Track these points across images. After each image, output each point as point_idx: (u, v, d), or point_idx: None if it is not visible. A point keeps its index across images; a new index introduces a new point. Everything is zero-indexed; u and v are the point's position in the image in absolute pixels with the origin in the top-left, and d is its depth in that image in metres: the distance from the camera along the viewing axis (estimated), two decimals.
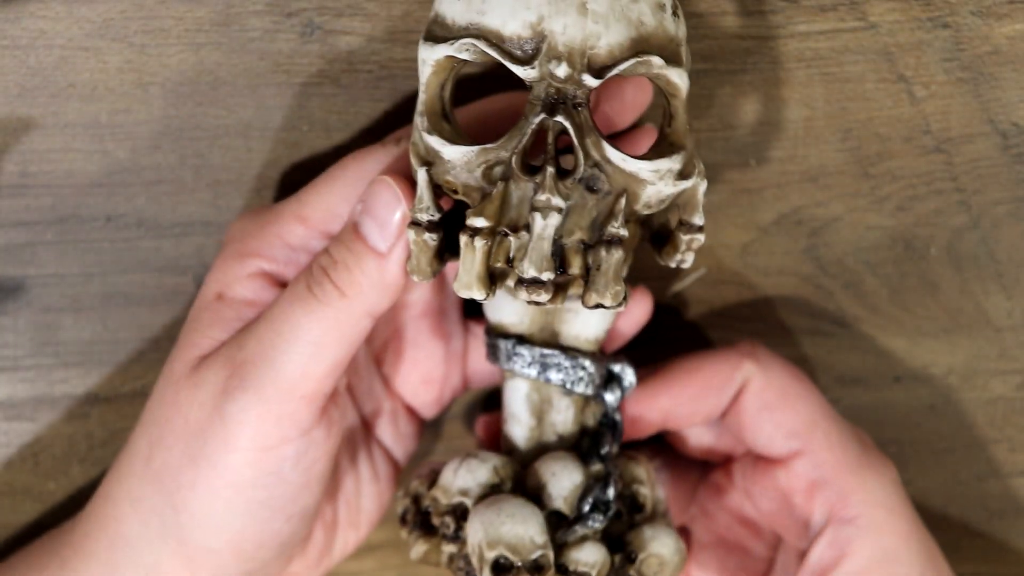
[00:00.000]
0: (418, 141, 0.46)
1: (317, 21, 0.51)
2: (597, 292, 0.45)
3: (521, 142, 0.45)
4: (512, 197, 0.45)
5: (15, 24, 0.51)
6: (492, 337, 0.50)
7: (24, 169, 0.53)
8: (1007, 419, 0.61)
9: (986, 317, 0.59)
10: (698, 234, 0.47)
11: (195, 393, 0.48)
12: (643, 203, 0.46)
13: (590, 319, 0.50)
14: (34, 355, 0.56)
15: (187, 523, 0.48)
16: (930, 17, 0.53)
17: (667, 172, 0.46)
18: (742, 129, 0.55)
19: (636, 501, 0.51)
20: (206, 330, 0.49)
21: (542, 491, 0.49)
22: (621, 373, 0.51)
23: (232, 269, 0.50)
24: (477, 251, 0.45)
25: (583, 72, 0.44)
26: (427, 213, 0.46)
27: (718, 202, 0.56)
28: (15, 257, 0.55)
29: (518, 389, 0.51)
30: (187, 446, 0.48)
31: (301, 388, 0.47)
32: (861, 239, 0.57)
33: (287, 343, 0.47)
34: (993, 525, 0.62)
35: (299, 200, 0.50)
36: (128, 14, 0.51)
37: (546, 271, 0.45)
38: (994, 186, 0.56)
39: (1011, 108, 0.55)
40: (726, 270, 0.57)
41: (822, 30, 0.53)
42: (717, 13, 0.52)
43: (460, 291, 0.46)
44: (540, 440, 0.51)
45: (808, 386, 0.53)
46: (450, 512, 0.49)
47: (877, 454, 0.53)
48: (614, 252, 0.45)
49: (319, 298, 0.47)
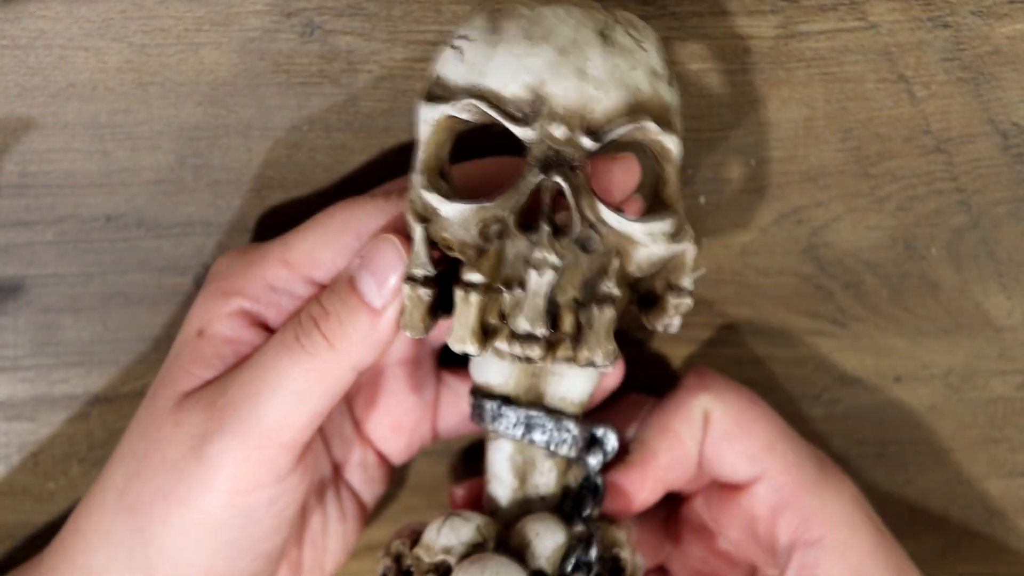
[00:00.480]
0: (415, 198, 0.47)
1: (317, 21, 0.51)
2: (589, 349, 0.46)
3: (519, 201, 0.46)
4: (508, 254, 0.46)
5: (15, 24, 0.51)
6: (478, 398, 0.51)
7: (24, 169, 0.53)
8: (1007, 419, 0.61)
9: (986, 317, 0.59)
10: (685, 298, 0.48)
11: (175, 432, 0.48)
12: (635, 265, 0.47)
13: (576, 382, 0.50)
14: (34, 355, 0.56)
15: (155, 558, 0.49)
16: (930, 17, 0.53)
17: (660, 234, 0.47)
18: (742, 129, 0.55)
19: (617, 564, 0.51)
20: (187, 366, 0.49)
21: (525, 550, 0.49)
22: (604, 437, 0.51)
23: (214, 306, 0.50)
24: (472, 306, 0.46)
25: (581, 135, 0.45)
26: (423, 269, 0.47)
27: (718, 202, 0.56)
28: (15, 257, 0.55)
29: (502, 450, 0.51)
30: (163, 483, 0.48)
31: (281, 436, 0.48)
32: (861, 239, 0.57)
33: (271, 391, 0.47)
34: (993, 525, 0.62)
35: (284, 243, 0.50)
36: (128, 14, 0.51)
37: (540, 327, 0.46)
38: (994, 186, 0.56)
39: (1011, 108, 0.55)
40: (726, 270, 0.57)
41: (822, 30, 0.53)
42: (717, 13, 0.52)
43: (454, 345, 0.46)
44: (522, 501, 0.51)
45: (763, 409, 0.53)
46: (433, 570, 0.49)
47: (835, 472, 0.53)
48: (606, 311, 0.46)
49: (306, 348, 0.47)
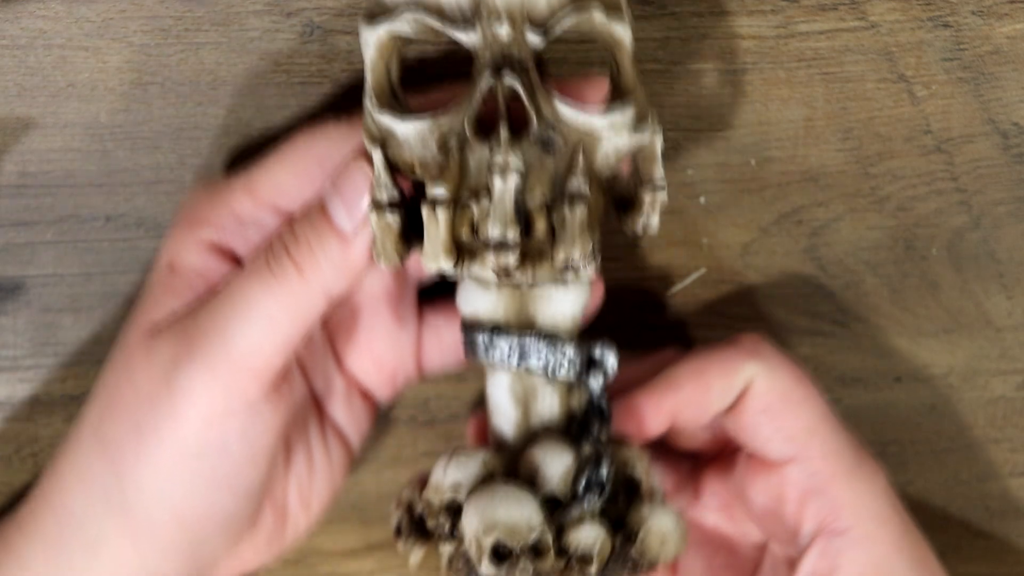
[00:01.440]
0: (370, 123, 0.46)
1: (317, 21, 0.51)
2: (565, 247, 0.45)
3: (472, 108, 0.45)
4: (470, 164, 0.45)
5: (15, 24, 0.51)
6: (468, 331, 0.50)
7: (24, 169, 0.53)
8: (1007, 419, 0.61)
9: (986, 317, 0.59)
10: (660, 191, 0.47)
11: (146, 362, 0.48)
12: (601, 159, 0.46)
13: (564, 301, 0.49)
14: (34, 355, 0.56)
15: (131, 494, 0.48)
16: (930, 17, 0.53)
17: (621, 125, 0.46)
18: (742, 129, 0.55)
19: (632, 483, 0.50)
20: (158, 299, 0.49)
21: (535, 476, 0.48)
22: (602, 357, 0.50)
23: (182, 238, 0.50)
24: (440, 221, 0.45)
25: (526, 31, 0.44)
26: (386, 192, 0.46)
27: (718, 202, 0.56)
28: (15, 257, 0.55)
29: (500, 382, 0.50)
30: (134, 416, 0.48)
31: (251, 362, 0.47)
32: (861, 239, 0.57)
33: (240, 316, 0.47)
34: (993, 525, 0.62)
35: (250, 174, 0.50)
36: (128, 14, 0.51)
37: (511, 231, 0.45)
38: (995, 186, 0.56)
39: (1011, 108, 0.55)
40: (726, 270, 0.57)
41: (822, 30, 0.53)
42: (717, 13, 0.52)
43: (428, 264, 0.45)
44: (527, 431, 0.50)
45: (810, 389, 0.52)
46: (444, 510, 0.48)
47: (869, 461, 0.53)
48: (577, 207, 0.45)
49: (276, 274, 0.47)
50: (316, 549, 0.61)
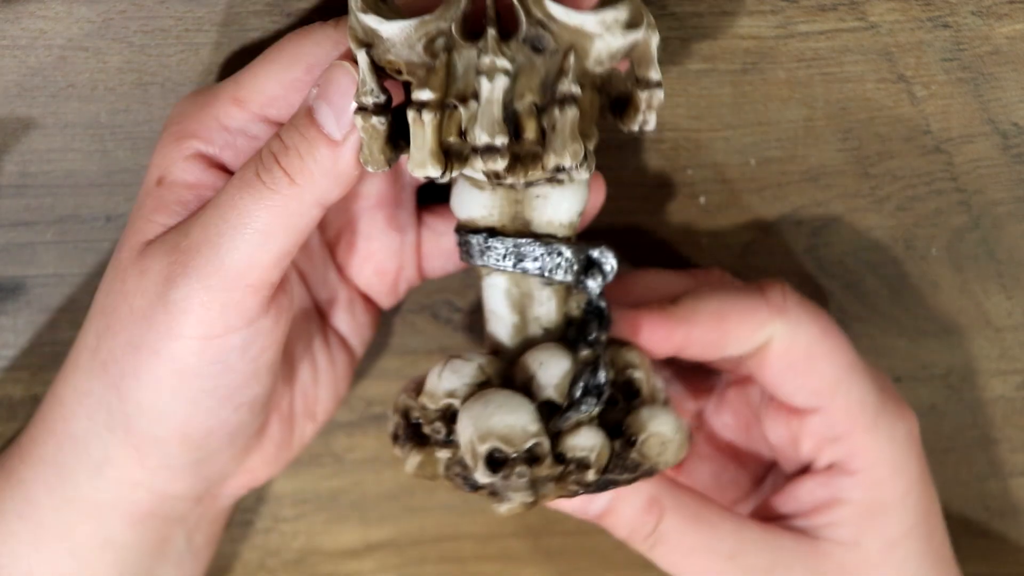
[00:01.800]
0: (355, 24, 0.45)
1: (317, 21, 0.51)
2: (555, 152, 0.44)
3: (459, 7, 0.44)
4: (457, 67, 0.44)
5: (15, 24, 0.51)
6: (463, 234, 0.49)
7: (24, 169, 0.53)
8: (1007, 419, 0.61)
9: (986, 317, 0.59)
10: (656, 89, 0.46)
11: (140, 280, 0.47)
12: (594, 59, 0.45)
13: (561, 202, 0.48)
14: (34, 355, 0.56)
15: (133, 412, 0.48)
16: (930, 17, 0.53)
17: (613, 22, 0.44)
18: (742, 129, 0.55)
19: (632, 387, 0.49)
20: (149, 215, 0.48)
21: (531, 382, 0.47)
22: (601, 258, 0.48)
23: (170, 152, 0.49)
24: (427, 125, 0.44)
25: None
26: (372, 96, 0.45)
27: (718, 202, 0.56)
28: (15, 257, 0.55)
29: (496, 286, 0.49)
30: (131, 334, 0.47)
31: (247, 276, 0.46)
32: (861, 239, 0.57)
33: (233, 230, 0.46)
34: (993, 525, 0.62)
35: (236, 82, 0.49)
36: (128, 14, 0.51)
37: (499, 135, 0.44)
38: (994, 186, 0.56)
39: (1011, 108, 0.55)
40: (726, 270, 0.57)
41: (822, 30, 0.53)
42: (717, 13, 0.52)
43: (415, 170, 0.45)
44: (525, 336, 0.49)
45: (836, 340, 0.52)
46: (439, 417, 0.48)
47: (895, 405, 0.52)
48: (568, 110, 0.44)
49: (268, 185, 0.46)
50: (316, 549, 0.61)
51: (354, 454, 0.60)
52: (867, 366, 0.53)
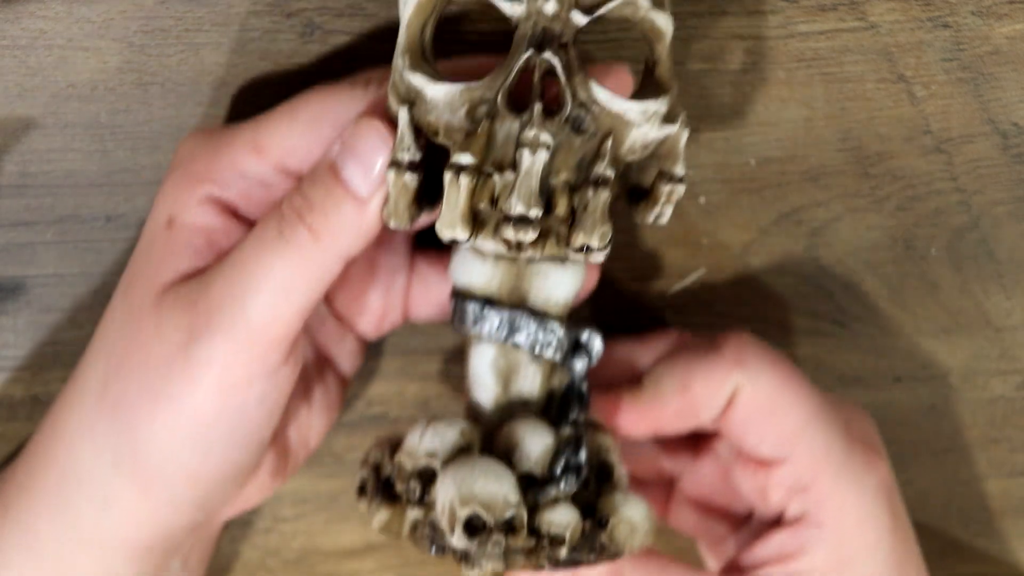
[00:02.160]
0: (398, 81, 0.46)
1: (317, 21, 0.51)
2: (585, 232, 0.45)
3: (508, 79, 0.44)
4: (497, 136, 0.45)
5: (15, 24, 0.51)
6: (459, 300, 0.49)
7: (24, 169, 0.53)
8: (1007, 419, 0.61)
9: (986, 317, 0.59)
10: (679, 185, 0.47)
11: (157, 331, 0.47)
12: (628, 147, 0.46)
13: (560, 282, 0.49)
14: (34, 355, 0.56)
15: (143, 455, 0.48)
16: (930, 17, 0.53)
17: (653, 114, 0.45)
18: (742, 129, 0.55)
19: (604, 469, 0.50)
20: (162, 259, 0.48)
21: (512, 453, 0.48)
22: (589, 341, 0.50)
23: (182, 194, 0.49)
24: (462, 188, 0.44)
25: (571, 9, 0.44)
26: (408, 153, 0.45)
27: (718, 202, 0.56)
28: (15, 257, 0.55)
29: (484, 354, 0.50)
30: (147, 381, 0.47)
31: (271, 332, 0.47)
32: (861, 239, 0.57)
33: (257, 287, 0.46)
34: (993, 525, 0.62)
35: (255, 129, 0.48)
36: (128, 14, 0.51)
37: (534, 208, 0.44)
38: (994, 186, 0.56)
39: (1011, 108, 0.55)
40: (726, 270, 0.57)
41: (822, 30, 0.53)
42: (717, 13, 0.52)
43: (443, 231, 0.45)
44: (506, 407, 0.50)
45: (797, 390, 0.52)
46: (416, 476, 0.48)
47: (864, 454, 0.53)
48: (601, 193, 0.45)
49: (291, 242, 0.46)
50: (316, 549, 0.61)
51: (354, 454, 0.60)
52: (834, 413, 0.53)
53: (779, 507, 0.53)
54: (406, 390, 0.59)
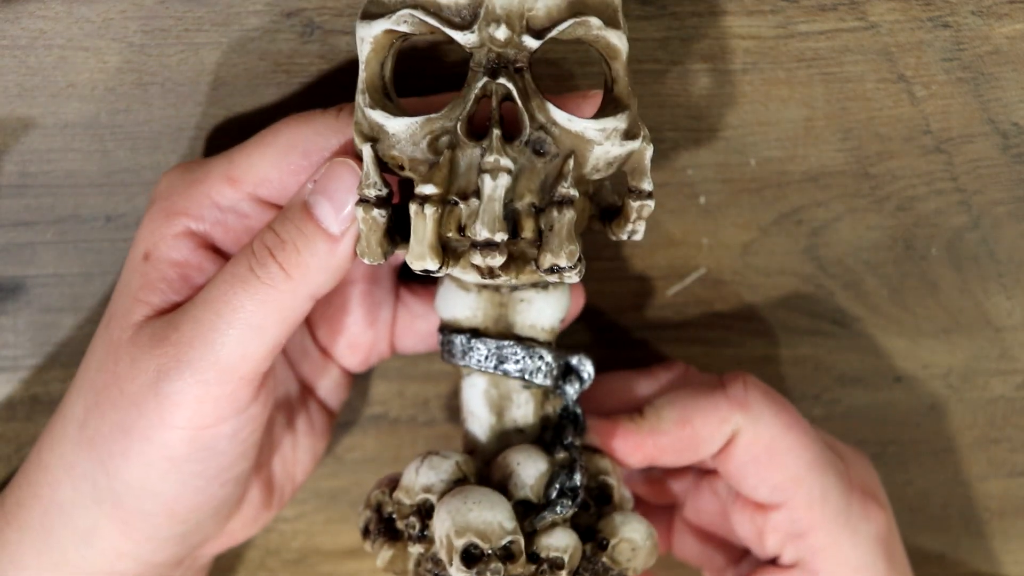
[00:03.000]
0: (361, 119, 0.46)
1: (317, 21, 0.51)
2: (552, 252, 0.45)
3: (465, 108, 0.45)
4: (460, 165, 0.45)
5: (15, 24, 0.51)
6: (446, 334, 0.50)
7: (24, 169, 0.53)
8: (1007, 419, 0.61)
9: (986, 317, 0.59)
10: (648, 200, 0.47)
11: (131, 367, 0.48)
12: (591, 166, 0.46)
13: (544, 307, 0.50)
14: (34, 355, 0.56)
15: (121, 489, 0.48)
16: (930, 17, 0.53)
17: (613, 131, 0.46)
18: (742, 129, 0.55)
19: (604, 493, 0.50)
20: (137, 293, 0.49)
21: (508, 481, 0.48)
22: (579, 365, 0.50)
23: (159, 228, 0.49)
24: (428, 219, 0.45)
25: (523, 34, 0.44)
26: (375, 189, 0.46)
27: (718, 202, 0.56)
28: (15, 257, 0.55)
29: (476, 386, 0.50)
30: (121, 417, 0.48)
31: (241, 370, 0.47)
32: (861, 239, 0.57)
33: (227, 325, 0.46)
34: (993, 525, 0.62)
35: (230, 160, 0.49)
36: (128, 14, 0.51)
37: (499, 232, 0.44)
38: (994, 186, 0.56)
39: (1011, 108, 0.55)
40: (726, 270, 0.57)
41: (822, 30, 0.53)
42: (717, 13, 0.52)
43: (413, 263, 0.45)
44: (501, 436, 0.51)
45: (798, 436, 0.52)
46: (415, 512, 0.49)
47: (861, 505, 0.52)
48: (566, 212, 0.45)
49: (263, 279, 0.46)
50: (316, 549, 0.61)
51: (354, 454, 0.60)
52: (834, 461, 0.53)
53: (775, 551, 0.53)
54: (406, 390, 0.59)
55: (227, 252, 0.50)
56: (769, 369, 0.59)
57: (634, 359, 0.59)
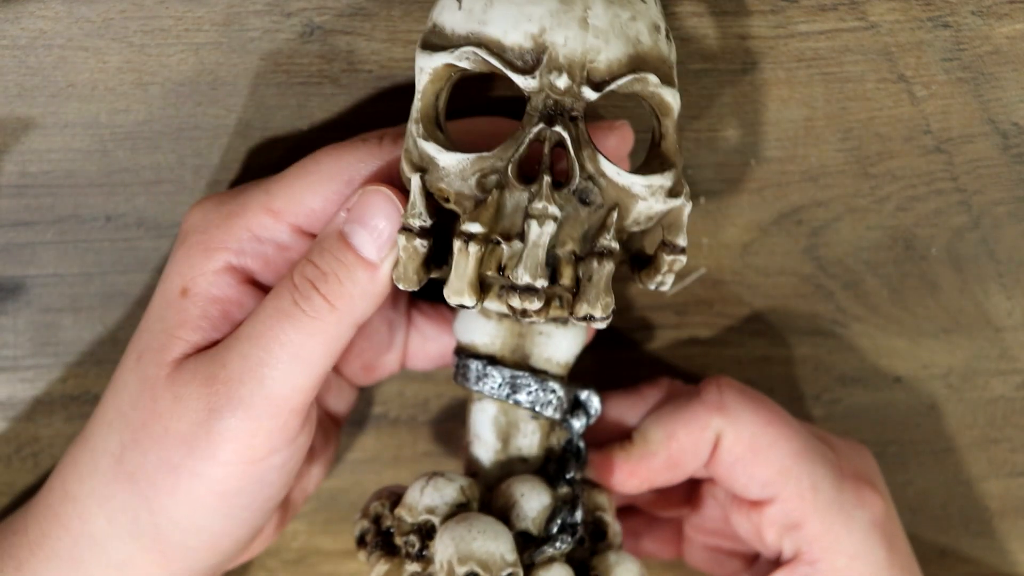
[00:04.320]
0: (412, 148, 0.47)
1: (317, 21, 0.51)
2: (588, 303, 0.46)
3: (518, 151, 0.45)
4: (506, 206, 0.45)
5: (15, 24, 0.51)
6: (462, 358, 0.51)
7: (24, 169, 0.53)
8: (1007, 419, 0.61)
9: (986, 317, 0.59)
10: (680, 255, 0.48)
11: (175, 405, 0.48)
12: (632, 219, 0.47)
13: (562, 342, 0.50)
14: (34, 355, 0.56)
15: (164, 525, 0.48)
16: (930, 17, 0.53)
17: (659, 188, 0.46)
18: (742, 129, 0.55)
19: (599, 528, 0.51)
20: (174, 330, 0.49)
21: (510, 511, 0.49)
22: (587, 401, 0.51)
23: (197, 263, 0.49)
24: (471, 256, 0.45)
25: (582, 85, 0.45)
26: (420, 219, 0.46)
27: (718, 202, 0.56)
28: (15, 257, 0.55)
29: (485, 411, 0.51)
30: (167, 453, 0.48)
31: (291, 402, 0.47)
32: (861, 239, 0.57)
33: (276, 360, 0.47)
34: (993, 525, 0.62)
35: (268, 192, 0.49)
36: (128, 14, 0.51)
37: (540, 278, 0.45)
38: (994, 186, 0.56)
39: (1011, 108, 0.55)
40: (726, 270, 0.57)
41: (822, 30, 0.53)
42: (717, 13, 0.52)
43: (451, 298, 0.46)
44: (505, 463, 0.51)
45: (781, 429, 0.52)
46: (415, 531, 0.49)
47: (854, 492, 0.53)
48: (606, 264, 0.46)
49: (308, 312, 0.47)
50: (316, 549, 0.61)
51: (354, 454, 0.60)
52: (822, 450, 0.53)
53: (775, 547, 0.53)
54: (406, 390, 0.59)
55: (266, 284, 0.50)
56: (769, 369, 0.59)
57: (634, 359, 0.59)
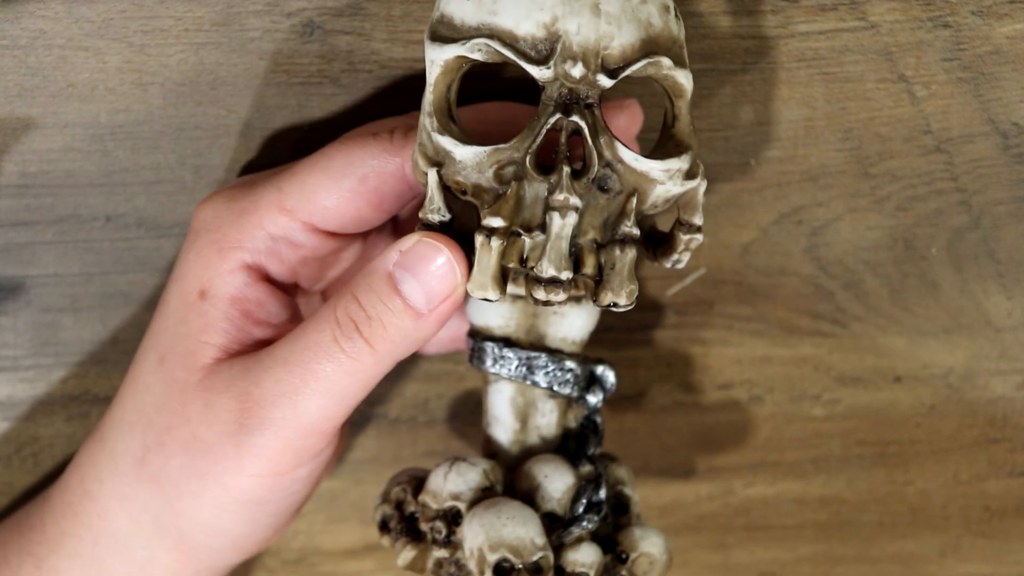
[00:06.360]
0: (426, 142, 0.46)
1: (317, 21, 0.51)
2: (612, 291, 0.46)
3: (535, 142, 0.45)
4: (525, 197, 0.45)
5: (15, 24, 0.51)
6: (477, 340, 0.50)
7: (24, 169, 0.53)
8: (1007, 419, 0.61)
9: (986, 317, 0.59)
10: (697, 234, 0.48)
11: (205, 414, 0.48)
12: (651, 203, 0.47)
13: (576, 321, 0.50)
14: (34, 355, 0.56)
15: (187, 527, 0.49)
16: (930, 17, 0.53)
17: (676, 172, 0.46)
18: (742, 129, 0.55)
19: (620, 502, 0.51)
20: (201, 335, 0.48)
21: (535, 493, 0.49)
22: (603, 376, 0.51)
23: (213, 264, 0.49)
24: (493, 251, 0.45)
25: (597, 72, 0.45)
26: (438, 215, 0.46)
27: (718, 202, 0.56)
28: (15, 257, 0.55)
29: (502, 392, 0.51)
30: (194, 461, 0.48)
31: (321, 427, 0.47)
32: (861, 239, 0.57)
33: (310, 391, 0.47)
34: (993, 525, 0.62)
35: (280, 190, 0.48)
36: (128, 14, 0.51)
37: (565, 270, 0.45)
38: (994, 186, 0.56)
39: (1011, 108, 0.55)
40: (726, 270, 0.57)
41: (822, 30, 0.53)
42: (717, 13, 0.52)
43: (474, 292, 0.46)
44: (524, 443, 0.51)
45: None
46: (441, 517, 0.49)
47: None
48: (628, 251, 0.46)
49: (348, 353, 0.46)
50: (316, 549, 0.61)
51: (354, 454, 0.60)
52: None
53: None
54: (406, 390, 0.59)
55: (280, 282, 0.50)
56: (769, 369, 0.59)
57: (634, 359, 0.59)
